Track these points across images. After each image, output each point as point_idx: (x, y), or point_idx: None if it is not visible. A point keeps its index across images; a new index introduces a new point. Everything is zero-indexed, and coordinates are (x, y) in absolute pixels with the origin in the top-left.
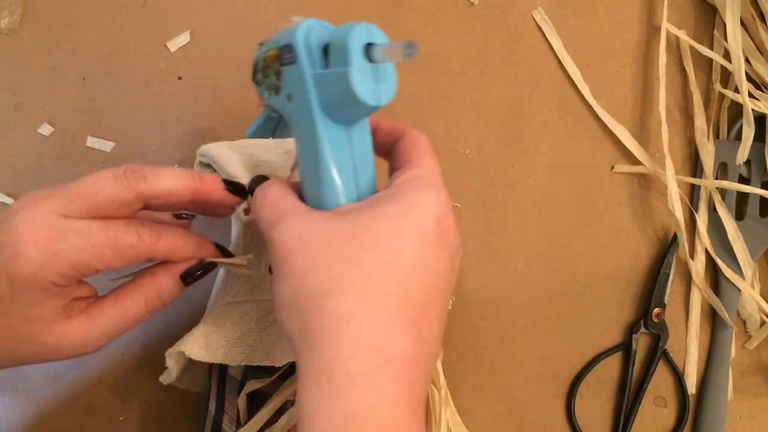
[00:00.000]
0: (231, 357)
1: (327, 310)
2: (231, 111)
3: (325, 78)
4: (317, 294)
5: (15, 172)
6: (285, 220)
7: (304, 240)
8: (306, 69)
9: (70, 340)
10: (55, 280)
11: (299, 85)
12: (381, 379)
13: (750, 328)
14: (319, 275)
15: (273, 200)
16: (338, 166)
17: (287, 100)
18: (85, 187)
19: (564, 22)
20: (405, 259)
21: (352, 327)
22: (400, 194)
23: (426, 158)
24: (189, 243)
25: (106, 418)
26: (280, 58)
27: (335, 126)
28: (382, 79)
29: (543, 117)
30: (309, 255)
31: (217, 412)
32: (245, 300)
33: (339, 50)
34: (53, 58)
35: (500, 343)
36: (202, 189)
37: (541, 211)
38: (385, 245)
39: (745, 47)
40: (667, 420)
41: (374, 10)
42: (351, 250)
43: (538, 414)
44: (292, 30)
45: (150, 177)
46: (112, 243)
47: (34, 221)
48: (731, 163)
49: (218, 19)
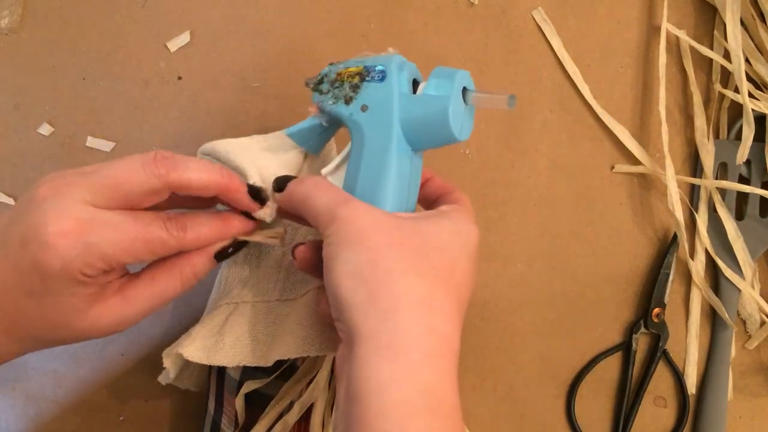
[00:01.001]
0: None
1: (402, 288)
2: (231, 111)
3: (417, 100)
4: (392, 270)
5: (15, 172)
6: (354, 201)
7: (378, 221)
8: (395, 87)
9: (105, 322)
10: (85, 270)
11: (383, 99)
12: (448, 364)
13: (750, 328)
14: (395, 254)
15: (330, 186)
16: (398, 181)
17: (360, 109)
18: (114, 176)
19: (564, 22)
20: (459, 268)
21: (425, 310)
22: (454, 217)
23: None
24: (215, 227)
25: (106, 418)
26: (363, 74)
27: (405, 145)
28: (467, 120)
29: (543, 117)
30: (384, 235)
31: (216, 412)
32: (243, 301)
33: (441, 80)
34: (53, 58)
35: (500, 343)
36: (229, 186)
37: (541, 211)
38: (446, 251)
39: (745, 47)
40: (667, 420)
41: (374, 10)
42: (419, 245)
43: (538, 414)
44: (388, 56)
45: (180, 166)
46: (143, 237)
47: (63, 211)
48: (731, 163)
49: (218, 19)
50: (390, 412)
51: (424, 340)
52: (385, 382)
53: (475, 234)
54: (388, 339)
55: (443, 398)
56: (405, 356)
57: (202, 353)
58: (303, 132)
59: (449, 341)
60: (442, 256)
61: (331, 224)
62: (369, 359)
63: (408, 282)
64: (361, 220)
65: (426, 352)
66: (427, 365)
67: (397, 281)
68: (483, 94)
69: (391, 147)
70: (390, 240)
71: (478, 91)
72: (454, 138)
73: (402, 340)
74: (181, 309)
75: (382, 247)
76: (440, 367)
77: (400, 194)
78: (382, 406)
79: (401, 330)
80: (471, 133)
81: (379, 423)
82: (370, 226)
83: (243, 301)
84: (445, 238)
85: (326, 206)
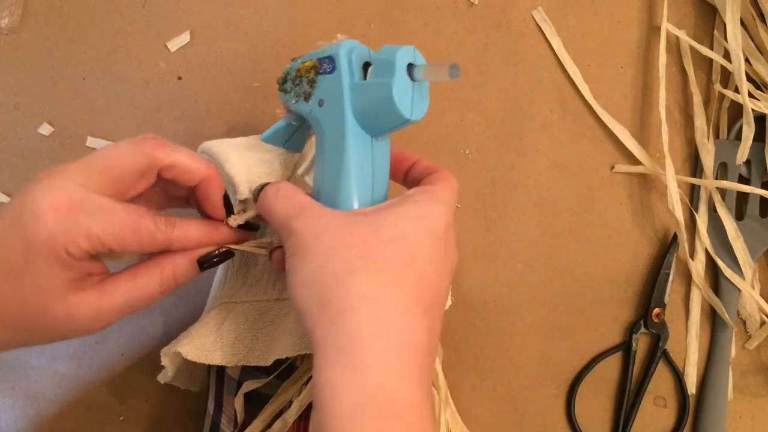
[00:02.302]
0: (227, 358)
1: (350, 287)
2: (231, 111)
3: (365, 87)
4: (340, 272)
5: (15, 172)
6: (308, 210)
7: (330, 226)
8: (345, 77)
9: (81, 314)
10: (69, 248)
11: (335, 91)
12: (403, 361)
13: (750, 328)
14: (343, 255)
15: (290, 195)
16: (360, 171)
17: (318, 105)
18: (105, 158)
19: (564, 22)
20: (421, 255)
21: (376, 306)
22: (417, 201)
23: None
24: (203, 230)
25: (106, 418)
26: (317, 68)
27: (363, 134)
28: (417, 98)
29: (543, 117)
30: (334, 238)
31: (216, 412)
32: (242, 301)
33: (383, 64)
34: (53, 58)
35: (500, 343)
36: (212, 178)
37: (541, 211)
38: (402, 240)
39: (745, 47)
40: (667, 420)
41: (374, 10)
42: (373, 239)
43: (538, 414)
44: (336, 44)
45: (168, 146)
46: (132, 225)
47: (58, 189)
48: (731, 163)
49: (218, 19)
50: (343, 419)
51: (373, 339)
52: (336, 388)
53: (441, 214)
54: (337, 343)
55: (396, 398)
56: (353, 359)
57: (201, 352)
58: (277, 134)
59: (405, 335)
60: (398, 246)
61: (288, 237)
62: (323, 366)
63: (355, 281)
64: (312, 229)
65: (376, 351)
66: (377, 365)
67: (343, 283)
68: (427, 67)
69: (347, 137)
70: (338, 242)
71: (423, 65)
72: (405, 119)
73: (350, 343)
74: (181, 309)
75: (332, 251)
76: (392, 365)
77: (363, 183)
78: (335, 413)
79: (349, 332)
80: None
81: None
82: (320, 232)
83: (242, 301)
84: (403, 226)
85: (282, 220)
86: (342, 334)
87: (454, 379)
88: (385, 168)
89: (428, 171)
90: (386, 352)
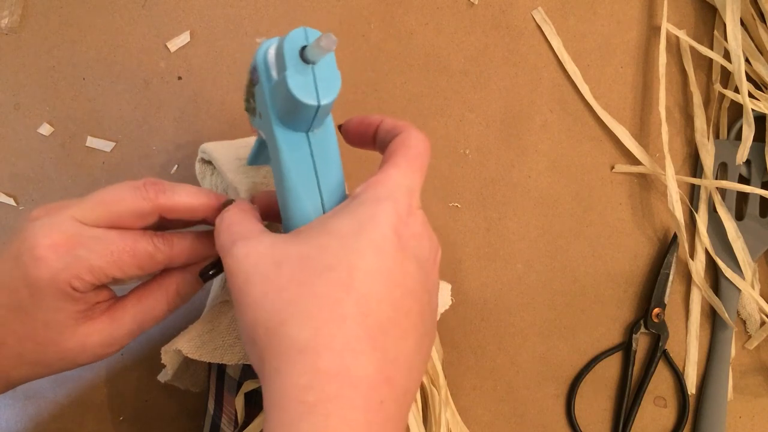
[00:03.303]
0: (227, 356)
1: (283, 341)
2: (231, 111)
3: (274, 88)
4: (271, 325)
5: (15, 172)
6: (236, 245)
7: (257, 267)
8: (264, 82)
9: (93, 342)
10: (74, 283)
11: (263, 100)
12: (341, 406)
13: (750, 328)
14: (271, 305)
15: (228, 225)
16: (299, 175)
17: (259, 118)
18: (104, 197)
19: (564, 22)
20: (360, 277)
21: (309, 356)
22: (354, 209)
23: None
24: (201, 245)
25: (106, 418)
26: (253, 80)
27: (293, 134)
28: (324, 78)
29: (543, 117)
30: (261, 285)
31: (216, 412)
32: None
33: (278, 57)
34: (53, 58)
35: (500, 343)
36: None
37: (541, 211)
38: (337, 266)
39: (745, 47)
40: (667, 420)
41: (374, 10)
42: (302, 275)
43: (538, 414)
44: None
45: (169, 190)
46: (130, 250)
47: (53, 226)
48: (731, 163)
49: (218, 19)
50: None
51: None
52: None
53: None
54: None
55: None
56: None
57: (201, 350)
58: (257, 155)
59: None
60: (330, 277)
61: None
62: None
63: (289, 330)
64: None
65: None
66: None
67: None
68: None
69: (277, 141)
70: (267, 287)
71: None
72: (315, 107)
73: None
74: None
75: (260, 301)
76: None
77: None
78: None
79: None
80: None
81: None
82: (246, 279)
83: None
84: (336, 248)
85: (220, 252)
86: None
87: (454, 379)
88: (333, 161)
89: (393, 132)
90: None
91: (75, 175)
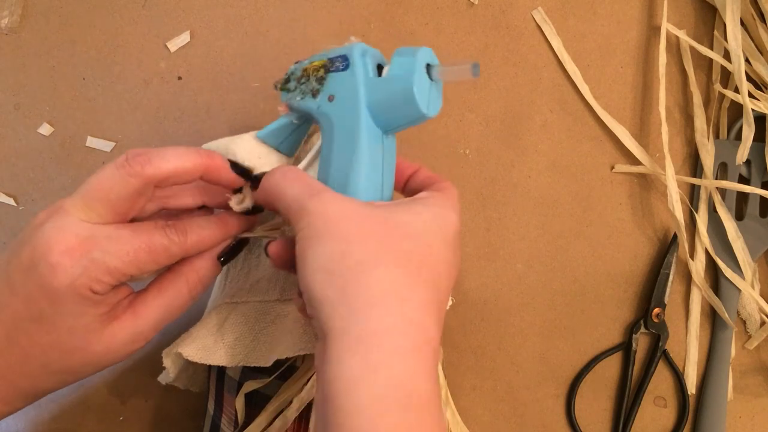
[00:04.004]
0: (227, 358)
1: (374, 280)
2: (231, 111)
3: (382, 82)
4: (363, 262)
5: (15, 172)
6: (323, 192)
7: (349, 212)
8: (359, 72)
9: (119, 341)
10: (93, 287)
11: (348, 87)
12: (421, 357)
13: (750, 328)
14: (364, 246)
15: (301, 177)
16: (371, 165)
17: (327, 100)
18: (94, 188)
19: (564, 22)
20: (434, 254)
21: (398, 301)
22: (428, 203)
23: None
24: (215, 228)
25: (106, 418)
26: (327, 66)
27: (375, 128)
28: (434, 96)
29: (543, 117)
30: (353, 225)
31: (216, 412)
32: (243, 301)
33: (403, 61)
34: (53, 58)
35: (500, 343)
36: (211, 165)
37: (541, 211)
38: (420, 238)
39: (745, 47)
40: (667, 420)
41: (374, 10)
42: (391, 233)
43: (538, 414)
44: (349, 45)
45: (155, 159)
46: (146, 247)
47: (64, 230)
48: (731, 163)
49: (218, 19)
50: (361, 411)
51: (394, 332)
52: (355, 380)
53: (453, 220)
54: (357, 334)
55: (416, 392)
56: (374, 351)
57: (202, 353)
58: (274, 132)
59: (424, 332)
60: (416, 243)
61: (302, 218)
62: (339, 356)
63: (379, 273)
64: (331, 212)
65: (397, 345)
66: (398, 359)
67: (367, 273)
68: (447, 67)
69: (360, 131)
70: (361, 230)
71: (442, 64)
72: (422, 115)
73: (371, 335)
74: None
75: (353, 238)
76: (413, 359)
77: (373, 179)
78: (352, 404)
79: (371, 324)
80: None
81: (351, 422)
82: (340, 217)
83: (243, 301)
84: (419, 225)
85: (295, 199)
86: (363, 326)
87: (454, 379)
88: (393, 166)
89: (430, 181)
90: (407, 347)
91: (75, 175)
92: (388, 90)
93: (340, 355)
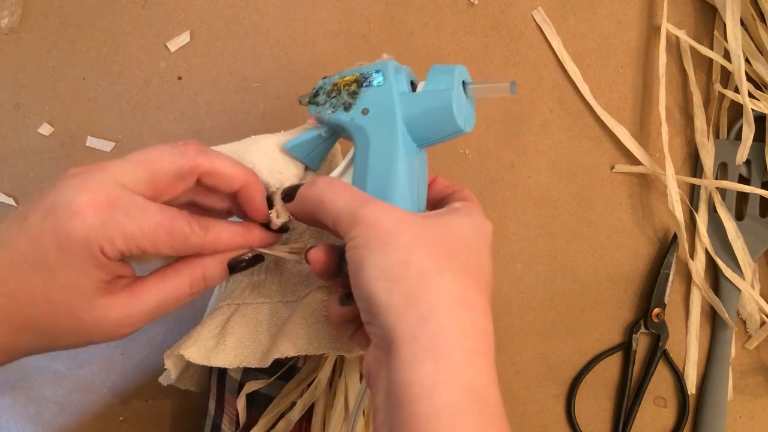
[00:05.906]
0: (229, 360)
1: (438, 288)
2: (231, 111)
3: (418, 97)
4: (426, 270)
5: (15, 172)
6: (376, 201)
7: (404, 221)
8: (394, 87)
9: (111, 317)
10: (105, 247)
11: (383, 101)
12: (489, 361)
13: (750, 328)
14: (426, 253)
15: (348, 187)
16: (408, 178)
17: (361, 113)
18: (145, 156)
19: (564, 22)
20: (483, 262)
21: (464, 307)
22: (467, 213)
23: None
24: (236, 234)
25: (106, 418)
26: (360, 81)
27: (411, 142)
28: (469, 113)
29: (543, 117)
30: (411, 234)
31: (217, 413)
32: (245, 303)
33: (440, 77)
34: (53, 58)
35: (500, 343)
36: (251, 183)
37: (541, 211)
38: (471, 247)
39: (745, 47)
40: (667, 420)
41: (374, 10)
42: (446, 242)
43: (538, 414)
44: (383, 61)
45: (210, 152)
46: (168, 226)
47: (96, 184)
48: (731, 163)
49: (218, 19)
50: (439, 415)
51: (464, 338)
52: (431, 385)
53: (491, 229)
54: (428, 341)
55: (488, 395)
56: (447, 357)
57: (203, 354)
58: (303, 144)
59: (487, 337)
60: (469, 252)
61: (355, 226)
62: (411, 363)
63: (444, 281)
64: (387, 221)
65: (468, 350)
66: (470, 364)
67: (432, 281)
68: (483, 84)
69: (398, 145)
70: (418, 239)
71: (478, 82)
72: (460, 129)
73: (443, 341)
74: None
75: (413, 246)
76: (482, 364)
77: (411, 192)
78: (430, 409)
79: (441, 330)
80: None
81: (428, 426)
82: (396, 225)
83: (244, 303)
84: (468, 234)
85: (347, 208)
86: (434, 332)
87: None
88: (425, 181)
89: (449, 189)
90: (476, 352)
91: None
92: (426, 105)
93: (412, 360)
